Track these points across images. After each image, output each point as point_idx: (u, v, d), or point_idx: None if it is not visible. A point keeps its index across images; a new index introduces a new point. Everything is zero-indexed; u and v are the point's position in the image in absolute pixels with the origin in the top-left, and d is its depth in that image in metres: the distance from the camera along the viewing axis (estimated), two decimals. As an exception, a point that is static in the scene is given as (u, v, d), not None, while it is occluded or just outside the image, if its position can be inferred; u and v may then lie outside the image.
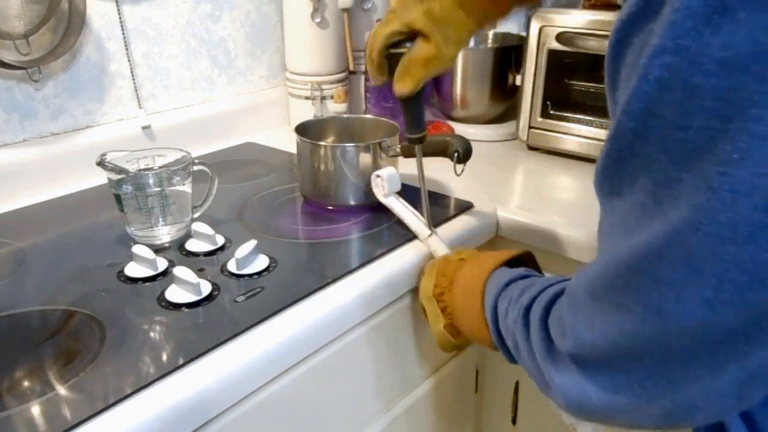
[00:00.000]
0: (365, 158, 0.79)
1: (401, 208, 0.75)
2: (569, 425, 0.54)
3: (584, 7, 0.99)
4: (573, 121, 1.00)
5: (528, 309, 0.48)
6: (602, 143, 0.36)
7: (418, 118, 0.66)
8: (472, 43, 1.27)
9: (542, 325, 0.45)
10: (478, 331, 0.57)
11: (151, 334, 0.57)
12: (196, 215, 0.77)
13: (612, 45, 0.34)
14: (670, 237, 0.31)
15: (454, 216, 0.80)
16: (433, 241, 0.70)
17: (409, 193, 0.77)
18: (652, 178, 0.32)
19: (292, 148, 0.92)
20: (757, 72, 0.26)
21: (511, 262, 0.60)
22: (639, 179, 0.33)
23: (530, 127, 1.04)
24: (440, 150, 0.75)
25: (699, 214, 0.30)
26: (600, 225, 0.39)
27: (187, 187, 0.74)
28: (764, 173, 0.27)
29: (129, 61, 0.98)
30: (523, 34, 1.14)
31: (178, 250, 0.72)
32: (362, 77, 1.14)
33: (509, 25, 1.29)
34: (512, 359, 0.54)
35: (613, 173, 0.35)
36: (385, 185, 0.75)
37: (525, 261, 0.62)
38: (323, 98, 1.11)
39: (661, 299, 0.33)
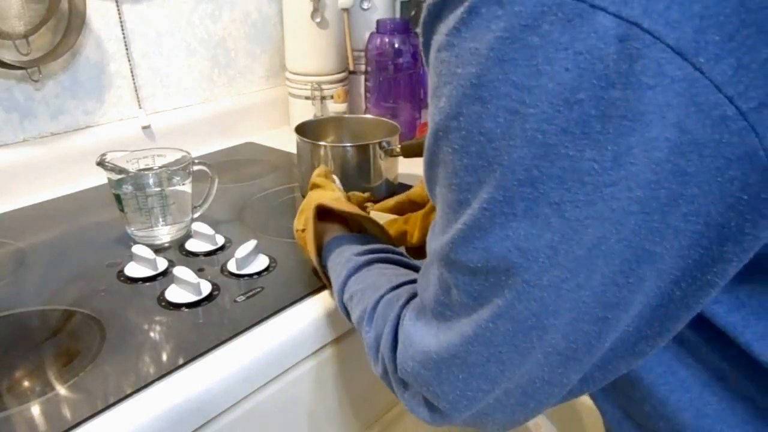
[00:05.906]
0: (365, 158, 0.79)
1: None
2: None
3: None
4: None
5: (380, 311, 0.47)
6: None
7: None
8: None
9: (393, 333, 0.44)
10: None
11: (151, 334, 0.57)
12: (196, 215, 0.77)
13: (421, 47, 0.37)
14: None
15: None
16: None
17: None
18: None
19: (292, 148, 0.92)
20: (496, 57, 0.29)
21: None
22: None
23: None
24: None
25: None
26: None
27: (187, 187, 0.74)
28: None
29: (129, 61, 0.98)
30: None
31: (178, 250, 0.72)
32: (362, 77, 1.14)
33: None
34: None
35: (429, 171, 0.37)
36: None
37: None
38: (323, 98, 1.11)
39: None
